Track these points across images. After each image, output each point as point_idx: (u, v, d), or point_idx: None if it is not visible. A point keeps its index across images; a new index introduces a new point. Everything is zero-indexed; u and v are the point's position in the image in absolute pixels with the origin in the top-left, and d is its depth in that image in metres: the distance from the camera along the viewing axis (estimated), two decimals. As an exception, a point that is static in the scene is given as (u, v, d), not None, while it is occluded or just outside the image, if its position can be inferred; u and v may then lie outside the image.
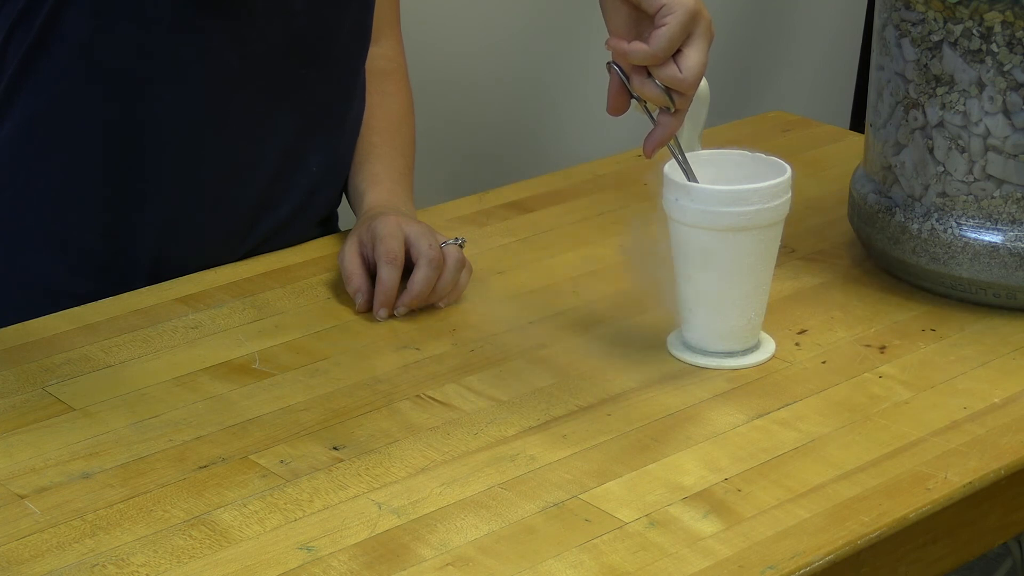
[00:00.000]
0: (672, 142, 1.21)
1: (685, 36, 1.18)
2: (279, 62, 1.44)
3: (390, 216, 1.42)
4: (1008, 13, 1.28)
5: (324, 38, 1.47)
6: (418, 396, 1.25)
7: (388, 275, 1.37)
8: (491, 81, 2.19)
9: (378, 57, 1.62)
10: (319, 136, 1.51)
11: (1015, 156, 1.32)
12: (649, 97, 1.21)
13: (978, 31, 1.30)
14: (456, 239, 1.41)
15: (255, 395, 1.25)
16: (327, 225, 1.60)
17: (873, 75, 1.42)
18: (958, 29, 1.31)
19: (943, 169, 1.35)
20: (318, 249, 1.51)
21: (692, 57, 1.19)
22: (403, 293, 1.37)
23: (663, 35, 1.17)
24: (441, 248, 1.38)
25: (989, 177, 1.34)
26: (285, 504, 1.11)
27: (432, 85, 2.06)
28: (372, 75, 1.60)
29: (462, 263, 1.40)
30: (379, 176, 1.53)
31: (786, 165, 1.28)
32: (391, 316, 1.37)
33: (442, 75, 2.10)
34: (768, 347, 1.31)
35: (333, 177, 1.55)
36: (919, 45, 1.34)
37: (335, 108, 1.52)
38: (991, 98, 1.31)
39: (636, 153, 1.73)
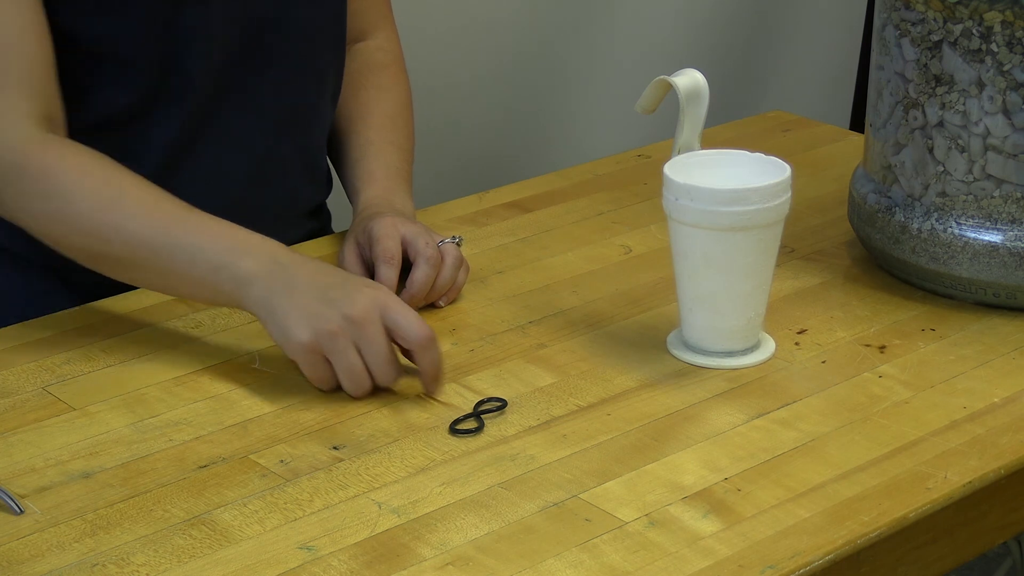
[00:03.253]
0: None
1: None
2: (240, 67, 1.44)
3: (386, 216, 1.42)
4: (1008, 13, 1.28)
5: (287, 38, 1.47)
6: (418, 396, 1.25)
7: (386, 275, 1.37)
8: (491, 81, 2.19)
9: (374, 50, 1.61)
10: (291, 137, 1.50)
11: (1015, 156, 1.32)
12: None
13: (978, 31, 1.30)
14: (453, 237, 1.41)
15: (255, 395, 1.25)
16: (318, 216, 1.59)
17: (873, 75, 1.42)
18: (958, 29, 1.31)
19: (943, 169, 1.35)
20: (317, 249, 1.51)
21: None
22: (402, 292, 1.37)
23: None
24: (439, 247, 1.38)
25: (989, 177, 1.34)
26: (285, 504, 1.11)
27: (432, 85, 2.06)
28: (368, 69, 1.60)
29: (460, 261, 1.40)
30: (374, 173, 1.51)
31: (786, 165, 1.28)
32: None
33: (442, 75, 2.10)
34: (768, 347, 1.31)
35: (311, 172, 1.54)
36: (919, 45, 1.34)
37: (305, 107, 1.51)
38: (991, 98, 1.31)
39: (636, 153, 1.74)
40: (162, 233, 1.28)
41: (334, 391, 1.24)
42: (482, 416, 1.21)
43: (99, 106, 1.40)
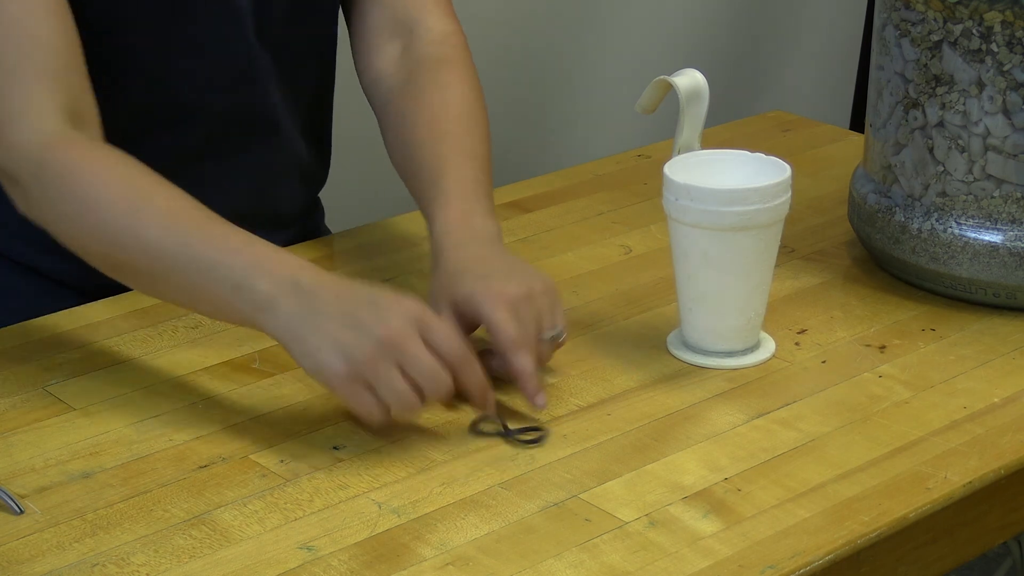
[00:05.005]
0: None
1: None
2: (229, 89, 1.43)
3: (494, 294, 1.23)
4: (1008, 13, 1.28)
5: (277, 59, 1.45)
6: (418, 396, 1.25)
7: (523, 364, 1.21)
8: (491, 81, 2.18)
9: (427, 44, 1.46)
10: (284, 153, 1.49)
11: (1015, 156, 1.32)
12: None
13: (978, 31, 1.30)
14: (557, 331, 1.25)
15: (255, 395, 1.25)
16: (311, 214, 1.58)
17: (873, 75, 1.42)
18: (958, 29, 1.31)
19: (943, 169, 1.35)
20: (318, 249, 1.51)
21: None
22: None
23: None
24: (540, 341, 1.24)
25: (989, 177, 1.34)
26: (285, 504, 1.11)
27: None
28: (425, 68, 1.45)
29: (548, 359, 1.27)
30: (448, 192, 1.34)
31: (786, 165, 1.28)
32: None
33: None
34: (768, 347, 1.31)
35: (304, 179, 1.54)
36: (919, 45, 1.34)
37: (293, 122, 1.50)
38: (991, 98, 1.31)
39: (636, 153, 1.74)
40: (181, 244, 1.20)
41: (386, 423, 1.17)
42: (518, 438, 1.19)
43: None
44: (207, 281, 1.19)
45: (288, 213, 1.54)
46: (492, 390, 1.19)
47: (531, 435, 1.19)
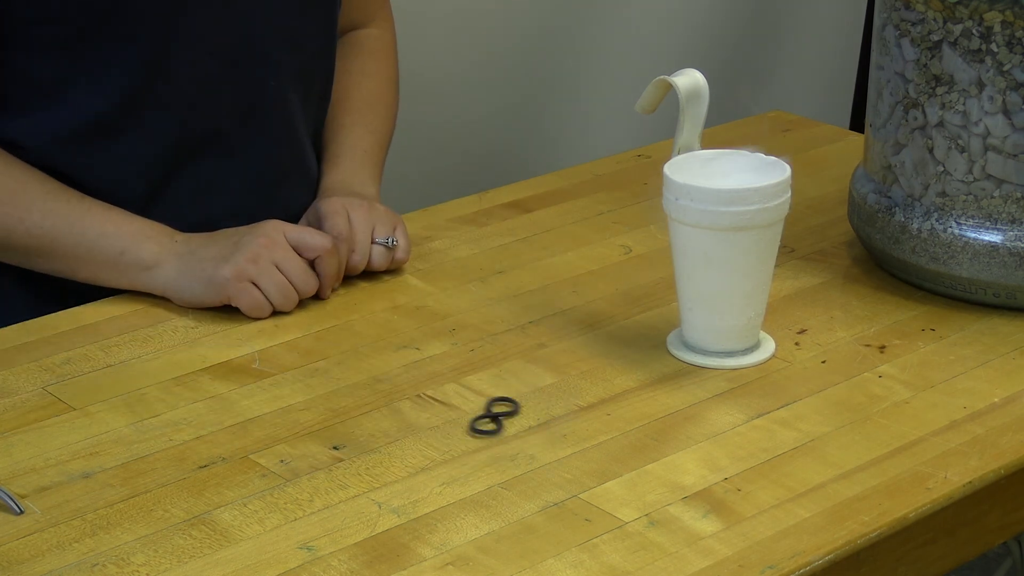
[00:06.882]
0: None
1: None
2: (231, 78, 1.44)
3: (333, 198, 1.44)
4: (1008, 13, 1.28)
5: (278, 47, 1.46)
6: (418, 396, 1.25)
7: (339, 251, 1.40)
8: (492, 81, 2.19)
9: (364, 37, 1.64)
10: (284, 146, 1.50)
11: (1015, 156, 1.33)
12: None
13: (978, 31, 1.30)
14: (389, 239, 1.43)
15: (255, 395, 1.25)
16: None
17: (873, 75, 1.42)
18: (958, 29, 1.31)
19: (943, 169, 1.35)
20: (318, 249, 1.51)
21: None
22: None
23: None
24: (373, 244, 1.43)
25: (989, 177, 1.34)
26: (285, 504, 1.11)
27: (432, 85, 2.06)
28: (355, 53, 1.61)
29: (387, 263, 1.43)
30: (338, 156, 1.53)
31: (786, 165, 1.28)
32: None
33: (442, 75, 2.10)
34: (768, 347, 1.31)
35: (304, 178, 1.54)
36: (919, 45, 1.34)
37: (295, 114, 1.50)
38: (991, 98, 1.31)
39: (636, 153, 1.74)
40: (64, 222, 1.37)
41: (271, 315, 1.36)
42: (499, 418, 1.21)
43: (72, 115, 1.39)
44: (90, 250, 1.37)
45: (289, 215, 1.54)
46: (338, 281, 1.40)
47: (504, 406, 1.21)
